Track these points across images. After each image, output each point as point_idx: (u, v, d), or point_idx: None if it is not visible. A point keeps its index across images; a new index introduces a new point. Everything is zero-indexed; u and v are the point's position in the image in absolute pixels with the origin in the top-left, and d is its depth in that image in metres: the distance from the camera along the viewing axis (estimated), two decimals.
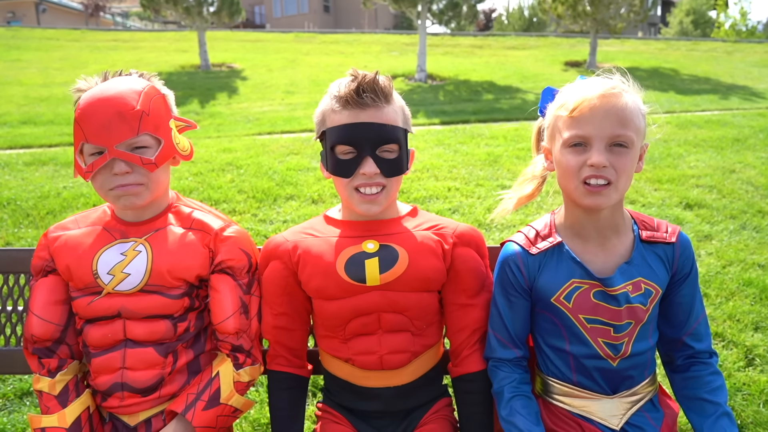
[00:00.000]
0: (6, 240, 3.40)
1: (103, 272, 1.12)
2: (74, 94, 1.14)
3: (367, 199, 1.12)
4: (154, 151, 1.12)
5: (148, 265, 1.13)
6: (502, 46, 17.30)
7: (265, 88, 10.21)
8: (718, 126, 6.34)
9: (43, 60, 13.11)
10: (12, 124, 7.03)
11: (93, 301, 1.13)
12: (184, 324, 1.16)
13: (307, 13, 33.39)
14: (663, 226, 1.14)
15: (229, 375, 1.16)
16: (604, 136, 1.00)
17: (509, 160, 5.04)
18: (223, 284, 1.17)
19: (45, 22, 28.37)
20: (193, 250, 1.16)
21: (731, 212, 3.77)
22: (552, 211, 1.20)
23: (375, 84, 1.09)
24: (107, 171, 1.09)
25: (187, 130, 1.22)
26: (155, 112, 1.12)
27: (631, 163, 1.03)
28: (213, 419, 1.12)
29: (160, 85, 1.18)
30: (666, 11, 38.66)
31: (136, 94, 1.10)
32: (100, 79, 1.15)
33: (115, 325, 1.13)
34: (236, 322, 1.16)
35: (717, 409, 1.09)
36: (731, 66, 13.27)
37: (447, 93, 9.84)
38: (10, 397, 2.05)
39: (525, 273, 1.13)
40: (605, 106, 1.00)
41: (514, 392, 1.11)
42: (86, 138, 1.07)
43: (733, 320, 2.51)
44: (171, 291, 1.14)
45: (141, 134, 1.09)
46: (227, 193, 4.12)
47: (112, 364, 1.13)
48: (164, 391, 1.14)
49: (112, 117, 1.06)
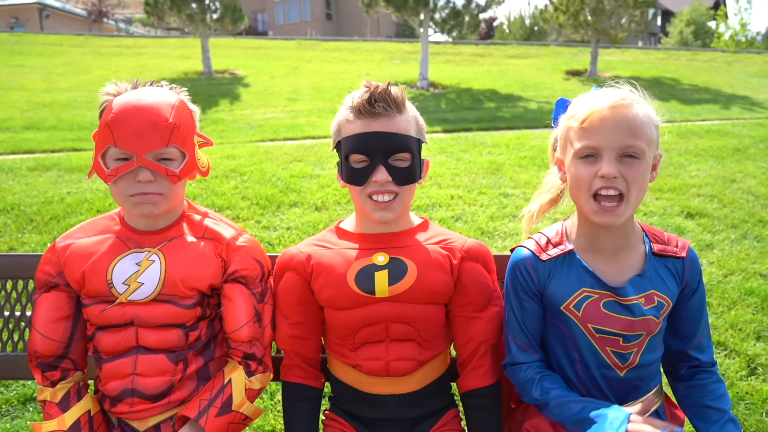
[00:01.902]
0: (10, 245, 3.41)
1: (118, 282, 1.13)
2: (102, 97, 1.15)
3: (381, 206, 1.15)
4: (178, 163, 1.14)
5: (161, 275, 1.13)
6: (504, 54, 17.40)
7: (268, 95, 10.26)
8: (718, 135, 6.37)
9: (46, 65, 13.18)
10: (15, 129, 7.06)
11: (105, 309, 1.14)
12: (196, 333, 1.17)
13: (310, 21, 33.59)
14: (673, 240, 1.14)
15: (240, 383, 1.16)
16: (615, 147, 1.01)
17: (511, 168, 5.06)
18: (237, 293, 1.18)
19: (48, 28, 28.52)
20: (206, 259, 1.17)
21: (732, 221, 3.78)
22: (564, 219, 1.21)
23: (387, 94, 1.12)
24: (131, 177, 1.10)
25: (204, 147, 1.24)
26: (185, 126, 1.14)
27: (643, 174, 1.02)
28: (225, 426, 1.13)
29: (188, 100, 1.20)
30: (666, 21, 38.88)
31: (169, 106, 1.11)
32: (130, 86, 1.16)
33: (128, 333, 1.14)
34: (250, 331, 1.17)
35: (722, 416, 1.09)
36: (731, 76, 13.33)
37: (449, 101, 9.88)
38: (13, 403, 2.06)
39: (535, 278, 1.13)
40: (615, 117, 1.01)
41: (541, 374, 1.11)
42: (115, 142, 1.08)
43: (735, 329, 2.52)
44: (184, 301, 1.15)
45: (170, 146, 1.11)
46: (231, 199, 4.13)
47: (123, 370, 1.13)
48: (174, 397, 1.15)
49: (145, 126, 1.08)
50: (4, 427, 1.91)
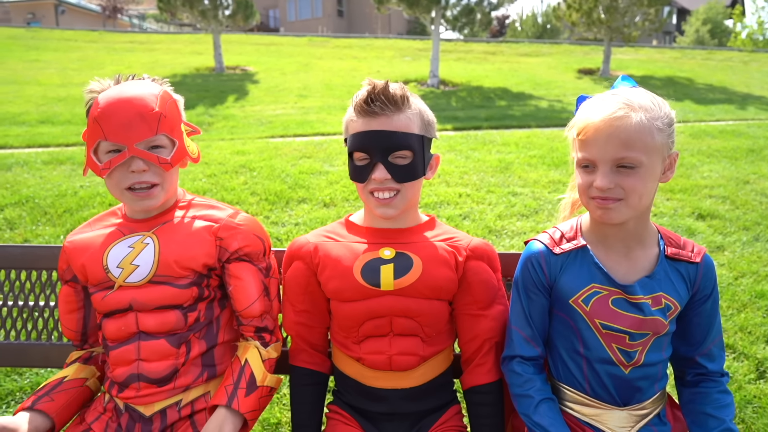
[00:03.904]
0: (24, 237, 3.47)
1: (113, 266, 1.17)
2: (87, 95, 1.18)
3: (382, 203, 1.17)
4: (168, 151, 1.17)
5: (155, 256, 1.17)
6: (515, 52, 17.30)
7: (279, 91, 10.31)
8: (732, 136, 6.30)
9: (61, 60, 13.34)
10: (31, 123, 7.17)
11: (107, 295, 1.18)
12: (194, 314, 1.20)
13: (321, 18, 33.62)
14: (689, 246, 1.14)
15: (257, 359, 1.20)
16: (608, 160, 1.02)
17: (520, 167, 5.05)
18: (244, 271, 1.22)
19: (63, 24, 28.85)
20: (199, 239, 1.20)
21: (744, 223, 3.74)
22: (579, 215, 1.22)
23: (385, 93, 1.13)
24: (124, 168, 1.14)
25: (192, 135, 1.28)
26: (171, 115, 1.17)
27: (642, 182, 1.02)
28: (256, 402, 1.17)
29: (171, 90, 1.24)
30: (681, 20, 38.38)
31: (154, 96, 1.15)
32: (113, 81, 1.20)
33: (128, 318, 1.18)
34: (261, 305, 1.22)
35: (720, 424, 1.09)
36: (747, 76, 13.15)
37: (459, 99, 9.86)
38: (27, 391, 2.10)
39: (546, 271, 1.14)
40: (608, 129, 1.01)
41: (542, 396, 1.13)
42: (105, 136, 1.11)
43: (744, 332, 2.49)
44: (179, 281, 1.18)
45: (159, 134, 1.14)
46: (240, 195, 4.17)
47: (128, 356, 1.17)
48: (178, 382, 1.18)
49: (132, 117, 1.11)
50: None
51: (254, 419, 1.18)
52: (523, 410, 1.13)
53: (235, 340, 1.28)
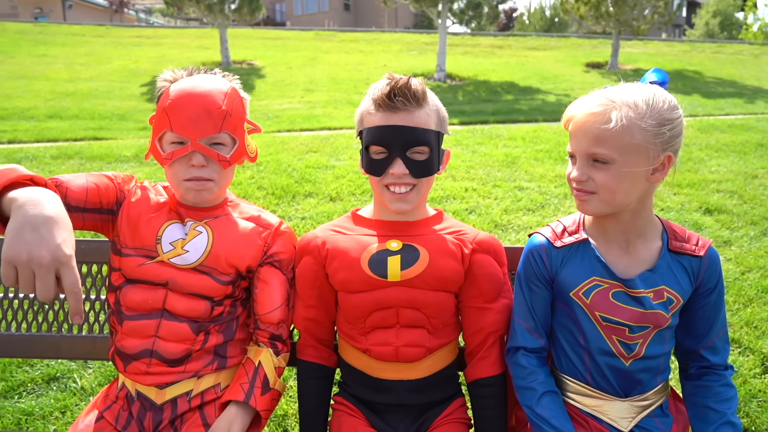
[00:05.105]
0: None
1: (166, 241, 1.19)
2: (159, 82, 1.21)
3: (398, 197, 1.18)
4: (229, 149, 1.20)
5: (208, 246, 1.20)
6: (523, 46, 17.19)
7: (285, 85, 10.32)
8: (741, 130, 6.24)
9: (68, 55, 13.42)
10: (39, 118, 7.23)
11: (145, 263, 1.19)
12: (220, 308, 1.22)
13: (328, 11, 33.55)
14: (694, 239, 1.14)
15: (269, 363, 1.23)
16: (583, 153, 1.06)
17: (527, 161, 5.03)
18: (273, 277, 1.24)
19: (71, 18, 28.97)
20: (250, 241, 1.23)
21: (752, 218, 3.72)
22: None
23: (407, 88, 1.14)
24: (185, 161, 1.16)
25: (253, 133, 1.29)
26: (236, 114, 1.19)
27: (613, 179, 1.03)
28: (269, 403, 1.20)
29: (240, 88, 1.25)
30: (691, 12, 37.94)
31: (222, 94, 1.17)
32: (186, 73, 1.22)
33: (158, 293, 1.19)
34: (282, 314, 1.24)
35: (721, 418, 1.10)
36: (758, 69, 13.00)
37: (466, 93, 9.83)
38: (38, 382, 2.14)
39: (548, 264, 1.16)
40: (585, 124, 1.04)
41: (545, 388, 1.14)
42: (172, 128, 1.14)
43: (750, 327, 2.49)
44: (221, 276, 1.20)
45: (222, 132, 1.17)
46: (247, 189, 4.19)
47: (146, 330, 1.18)
48: (189, 366, 1.20)
49: (200, 113, 1.13)
50: (29, 405, 1.98)
51: (267, 418, 1.21)
52: (525, 402, 1.15)
53: (247, 339, 1.30)
